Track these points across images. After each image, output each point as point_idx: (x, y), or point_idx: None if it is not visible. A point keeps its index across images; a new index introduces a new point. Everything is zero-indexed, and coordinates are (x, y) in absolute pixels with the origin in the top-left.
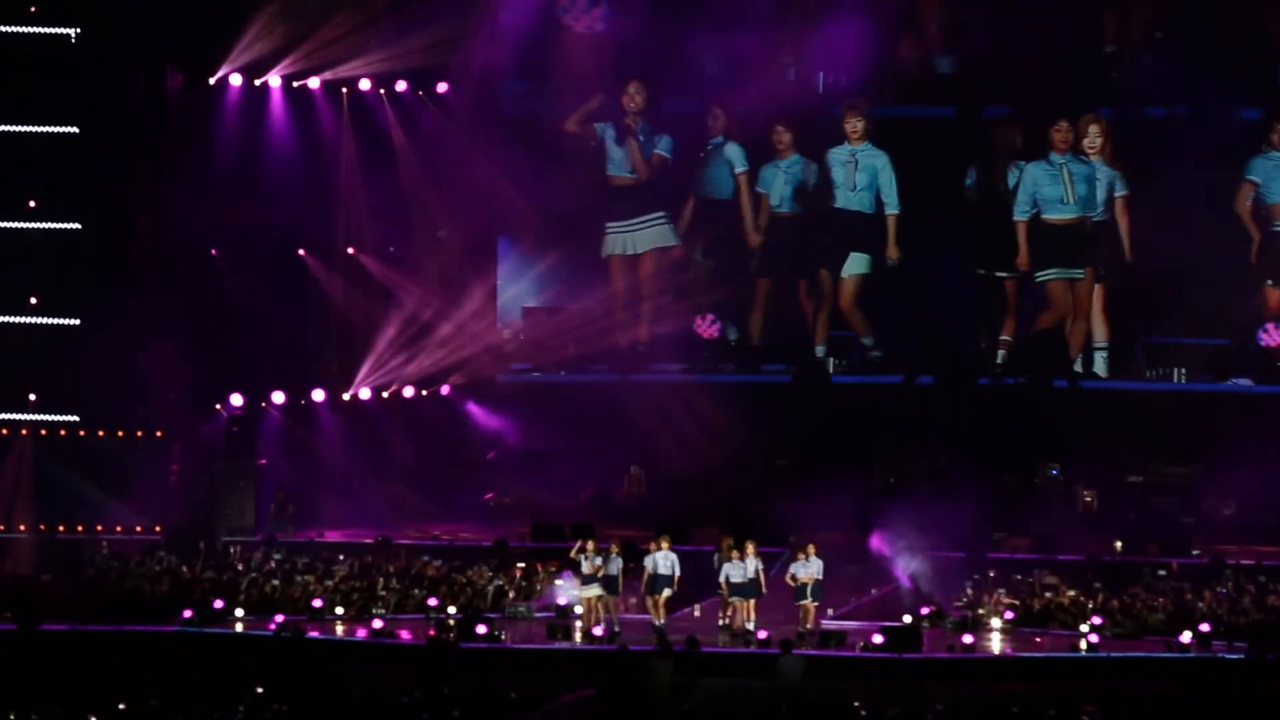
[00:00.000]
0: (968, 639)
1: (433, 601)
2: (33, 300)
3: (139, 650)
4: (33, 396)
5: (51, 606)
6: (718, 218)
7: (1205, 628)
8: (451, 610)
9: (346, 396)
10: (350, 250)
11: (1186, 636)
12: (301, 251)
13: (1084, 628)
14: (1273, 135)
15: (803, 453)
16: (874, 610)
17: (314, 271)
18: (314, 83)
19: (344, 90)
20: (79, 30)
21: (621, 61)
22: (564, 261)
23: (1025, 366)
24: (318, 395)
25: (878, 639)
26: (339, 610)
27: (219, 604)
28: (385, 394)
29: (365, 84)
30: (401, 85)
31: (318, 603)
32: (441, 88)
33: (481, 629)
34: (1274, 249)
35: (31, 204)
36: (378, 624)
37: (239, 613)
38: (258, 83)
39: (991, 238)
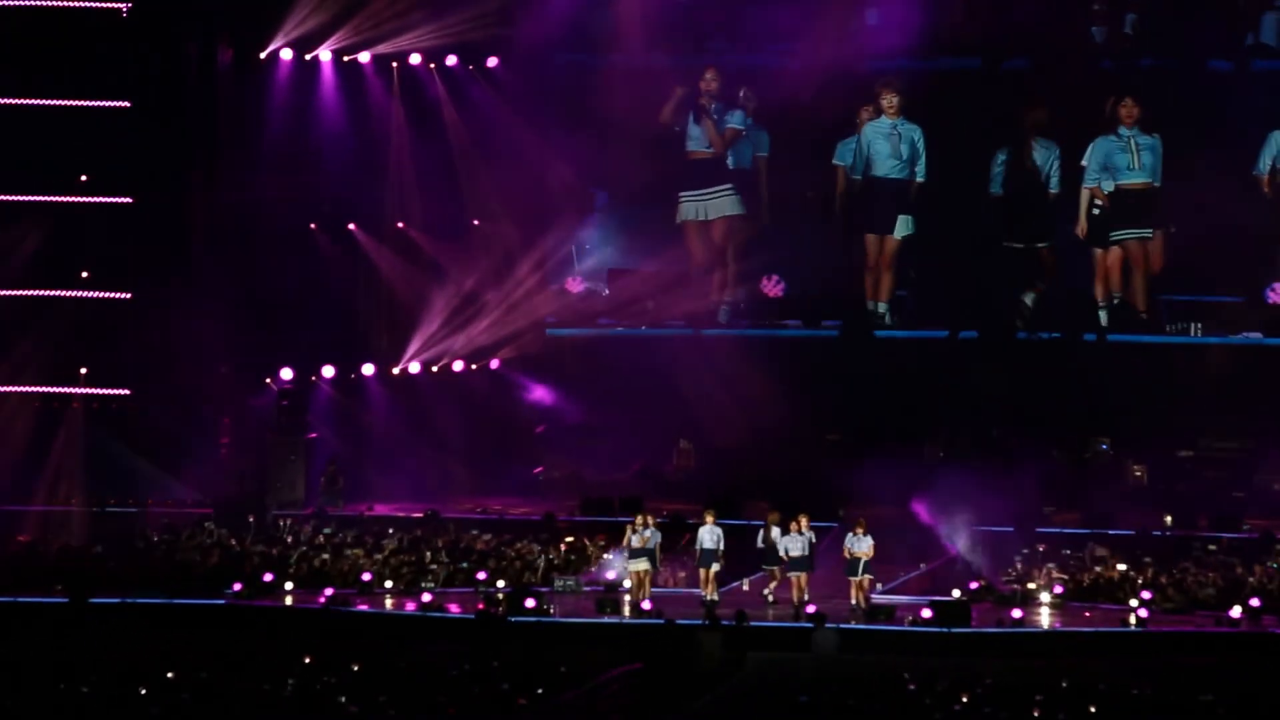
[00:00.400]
0: (1017, 613)
1: (482, 575)
2: (84, 274)
3: (189, 623)
4: (84, 370)
5: (102, 579)
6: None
7: (1255, 602)
8: (500, 584)
9: (396, 370)
10: (400, 224)
11: (1237, 611)
12: (352, 226)
13: (1133, 603)
14: None
15: (853, 422)
16: (923, 584)
17: (364, 245)
18: (364, 57)
19: (394, 65)
20: (130, 5)
21: (675, 32)
22: (636, 227)
23: (1056, 320)
24: (367, 369)
25: (926, 613)
26: (388, 584)
27: (269, 577)
28: (435, 368)
29: (415, 58)
30: (452, 60)
31: (367, 576)
32: (492, 62)
33: (530, 603)
34: None
35: (83, 178)
36: (427, 597)
37: (288, 586)
38: (308, 57)
39: (1022, 211)
